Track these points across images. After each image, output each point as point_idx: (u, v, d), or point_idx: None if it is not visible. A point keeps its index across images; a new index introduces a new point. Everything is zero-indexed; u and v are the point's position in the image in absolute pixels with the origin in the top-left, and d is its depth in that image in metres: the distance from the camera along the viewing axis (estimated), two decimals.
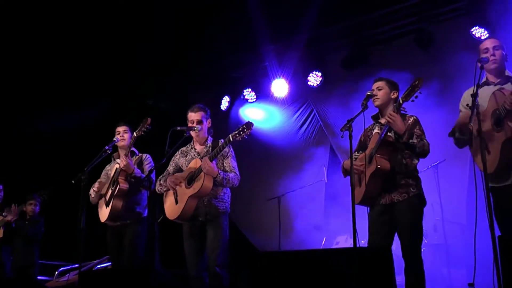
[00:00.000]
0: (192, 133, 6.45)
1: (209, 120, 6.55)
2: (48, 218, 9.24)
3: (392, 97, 5.71)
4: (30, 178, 10.87)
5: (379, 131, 5.63)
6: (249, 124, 5.93)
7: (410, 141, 5.32)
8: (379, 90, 5.70)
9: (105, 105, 11.39)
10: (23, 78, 10.57)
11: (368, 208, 5.71)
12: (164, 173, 6.62)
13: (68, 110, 11.02)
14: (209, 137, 6.54)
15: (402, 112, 5.50)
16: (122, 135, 7.20)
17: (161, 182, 6.46)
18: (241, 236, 10.43)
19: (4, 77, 10.39)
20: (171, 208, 6.29)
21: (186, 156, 6.51)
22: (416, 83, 5.22)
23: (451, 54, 8.09)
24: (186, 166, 6.37)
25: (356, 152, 5.91)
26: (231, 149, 6.37)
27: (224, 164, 6.32)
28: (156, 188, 6.53)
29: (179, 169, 6.54)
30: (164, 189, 6.43)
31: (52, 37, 9.81)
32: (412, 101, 5.26)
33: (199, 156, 6.32)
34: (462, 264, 7.68)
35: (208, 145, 6.45)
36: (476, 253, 4.84)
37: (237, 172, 6.32)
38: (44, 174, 10.97)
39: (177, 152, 6.64)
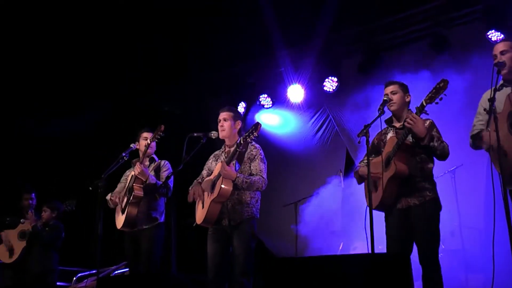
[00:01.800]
0: (222, 136, 6.40)
1: (238, 122, 6.41)
2: (65, 224, 9.28)
3: (407, 100, 5.70)
4: (57, 185, 10.95)
5: (394, 135, 5.61)
6: (257, 125, 5.84)
7: (431, 144, 5.29)
8: (394, 94, 5.66)
9: (122, 110, 11.46)
10: (38, 81, 10.63)
11: (384, 213, 5.69)
12: (198, 178, 6.56)
13: (84, 114, 11.09)
14: (239, 137, 6.43)
15: (422, 116, 5.49)
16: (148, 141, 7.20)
17: (190, 189, 6.39)
18: (258, 242, 10.40)
19: (14, 80, 10.47)
20: (199, 212, 6.25)
21: (217, 160, 6.45)
22: (441, 85, 5.15)
23: (467, 58, 8.06)
24: None
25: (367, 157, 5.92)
26: (261, 151, 6.27)
27: (251, 167, 6.21)
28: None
29: (211, 173, 6.46)
30: (190, 200, 6.39)
31: (67, 37, 9.87)
32: (436, 103, 5.17)
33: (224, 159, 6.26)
34: (480, 270, 7.62)
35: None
36: (494, 258, 4.80)
37: (264, 176, 6.17)
38: (66, 181, 11.05)
39: (211, 156, 6.61)
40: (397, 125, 5.69)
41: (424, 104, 5.26)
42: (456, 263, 7.82)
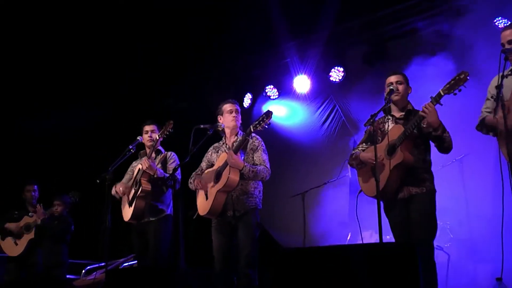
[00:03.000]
0: (226, 128, 6.46)
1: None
2: (74, 217, 9.31)
3: (408, 92, 5.70)
4: (61, 178, 10.98)
5: (395, 124, 5.59)
6: (268, 113, 5.87)
7: (444, 134, 5.27)
8: (399, 84, 5.66)
9: (126, 103, 11.47)
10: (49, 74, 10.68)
11: (382, 203, 5.64)
12: (197, 170, 6.61)
13: (90, 109, 11.11)
14: (240, 131, 6.51)
15: (415, 107, 5.48)
16: (150, 135, 7.22)
17: (191, 180, 6.45)
18: (265, 233, 10.40)
19: (18, 77, 10.52)
20: (202, 203, 6.28)
21: (217, 152, 6.50)
22: (462, 76, 5.06)
23: (474, 46, 8.00)
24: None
25: (363, 144, 5.89)
26: (262, 142, 6.31)
27: (255, 157, 6.25)
28: (189, 185, 6.52)
29: (211, 165, 6.51)
30: (194, 188, 6.43)
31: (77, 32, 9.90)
32: (455, 94, 5.11)
33: (227, 150, 6.30)
34: (489, 259, 7.57)
35: (238, 139, 6.41)
36: (503, 247, 4.79)
37: (267, 165, 6.22)
38: (70, 174, 11.08)
39: (210, 148, 6.64)
40: (397, 115, 5.67)
41: (442, 94, 5.16)
42: (464, 253, 7.77)
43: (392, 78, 5.69)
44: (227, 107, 6.44)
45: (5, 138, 11.11)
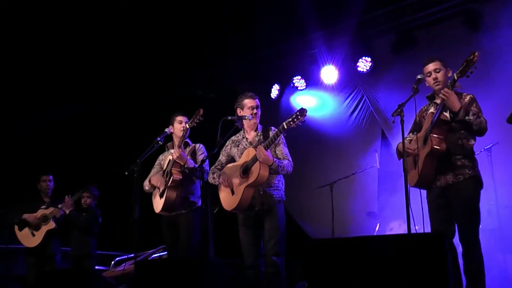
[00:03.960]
0: (245, 122, 6.46)
1: None
2: (103, 209, 9.40)
3: (448, 75, 5.62)
4: (78, 169, 11.11)
5: (434, 111, 5.56)
6: (302, 111, 5.82)
7: (467, 118, 5.23)
8: (438, 72, 5.60)
9: (157, 94, 11.55)
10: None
11: (426, 191, 5.64)
12: (216, 163, 6.63)
13: (107, 101, 11.23)
14: (259, 125, 6.53)
15: (458, 90, 5.43)
16: (184, 125, 7.24)
17: (215, 176, 6.45)
18: (294, 224, 10.42)
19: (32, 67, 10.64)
20: (227, 198, 6.30)
21: (238, 146, 6.50)
22: (471, 57, 5.12)
23: (502, 33, 7.92)
24: (239, 156, 6.39)
25: (410, 134, 5.86)
26: (282, 136, 6.29)
27: (277, 151, 6.26)
28: (209, 179, 6.55)
29: (231, 159, 6.55)
30: (217, 183, 6.44)
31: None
32: (467, 76, 5.17)
33: (252, 146, 6.31)
34: None
35: (259, 133, 6.43)
36: None
37: (290, 159, 6.25)
38: (92, 165, 11.22)
39: (228, 142, 6.63)
40: (438, 100, 5.60)
41: (456, 78, 5.27)
42: (493, 243, 7.71)
43: (430, 67, 5.64)
44: (247, 102, 6.44)
45: (20, 131, 11.24)
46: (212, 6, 9.80)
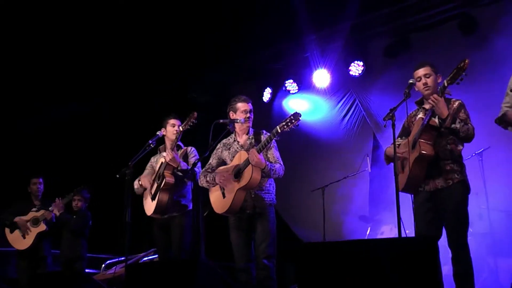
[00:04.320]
0: (237, 125, 6.47)
1: None
2: (94, 211, 9.37)
3: (438, 81, 5.64)
4: (70, 172, 11.08)
5: (423, 116, 5.58)
6: (296, 115, 5.83)
7: (453, 125, 5.26)
8: (428, 77, 5.62)
9: (147, 98, 11.52)
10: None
11: (412, 196, 5.66)
12: (207, 166, 6.63)
13: (100, 102, 11.20)
14: (250, 128, 6.53)
15: (447, 96, 5.45)
16: (177, 128, 7.22)
17: (208, 179, 6.43)
18: (285, 227, 10.43)
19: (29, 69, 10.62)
20: (218, 201, 6.32)
21: (229, 149, 6.51)
22: (462, 65, 5.12)
23: (497, 38, 7.94)
24: (230, 159, 6.39)
25: (399, 138, 5.87)
26: (273, 139, 6.30)
27: (268, 155, 6.28)
28: (200, 182, 6.55)
29: (222, 162, 6.55)
30: (212, 186, 6.44)
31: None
32: (457, 83, 5.18)
33: (244, 149, 6.32)
34: (509, 253, 7.56)
35: (250, 137, 6.45)
36: None
37: (282, 163, 6.28)
38: (83, 168, 11.19)
39: (219, 145, 6.63)
40: (427, 106, 5.63)
41: (446, 84, 5.28)
42: (484, 247, 7.75)
43: (421, 72, 5.65)
44: (241, 106, 6.45)
45: (12, 132, 11.20)
46: (205, 9, 9.79)
